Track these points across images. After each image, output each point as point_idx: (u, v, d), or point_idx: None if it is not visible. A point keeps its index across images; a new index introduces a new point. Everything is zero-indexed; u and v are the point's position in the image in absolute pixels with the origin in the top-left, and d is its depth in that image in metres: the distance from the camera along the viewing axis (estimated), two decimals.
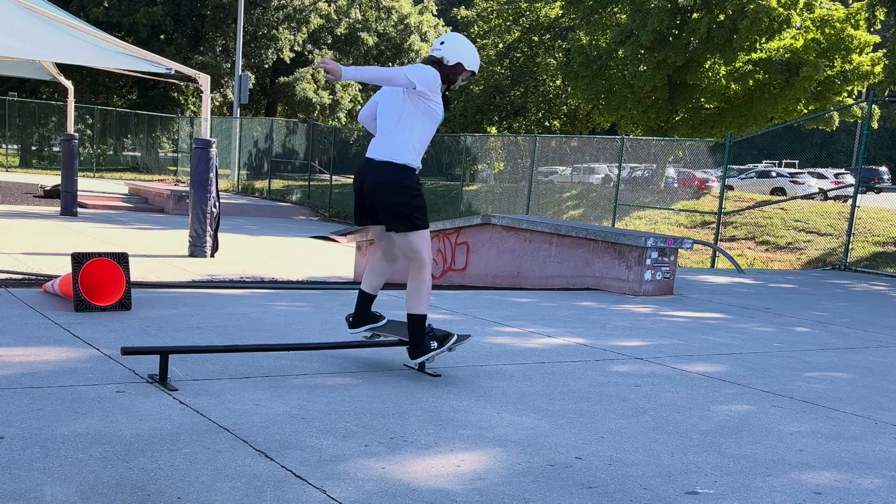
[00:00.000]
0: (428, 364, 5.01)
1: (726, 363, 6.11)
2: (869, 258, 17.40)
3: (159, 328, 5.78)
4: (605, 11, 32.65)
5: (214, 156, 12.95)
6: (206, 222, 12.87)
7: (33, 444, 3.34)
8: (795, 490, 3.51)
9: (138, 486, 3.01)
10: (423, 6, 52.07)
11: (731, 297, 10.35)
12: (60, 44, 12.83)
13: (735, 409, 4.80)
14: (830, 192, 28.07)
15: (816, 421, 4.67)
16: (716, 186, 26.18)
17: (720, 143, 22.10)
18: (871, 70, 28.71)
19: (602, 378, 5.33)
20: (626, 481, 3.47)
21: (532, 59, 46.49)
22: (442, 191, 30.09)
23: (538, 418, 4.31)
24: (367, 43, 48.56)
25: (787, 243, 20.25)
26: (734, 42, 28.54)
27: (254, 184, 34.09)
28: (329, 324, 6.53)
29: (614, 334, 6.99)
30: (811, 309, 9.72)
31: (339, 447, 3.62)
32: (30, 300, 6.48)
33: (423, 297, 4.80)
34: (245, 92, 34.67)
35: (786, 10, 28.14)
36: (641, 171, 29.24)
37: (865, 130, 16.85)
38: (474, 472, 3.45)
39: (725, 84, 30.24)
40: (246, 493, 3.02)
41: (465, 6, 53.97)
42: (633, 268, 9.56)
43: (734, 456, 3.91)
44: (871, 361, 6.65)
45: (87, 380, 4.34)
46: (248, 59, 43.46)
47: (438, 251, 11.76)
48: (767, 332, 7.73)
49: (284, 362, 5.05)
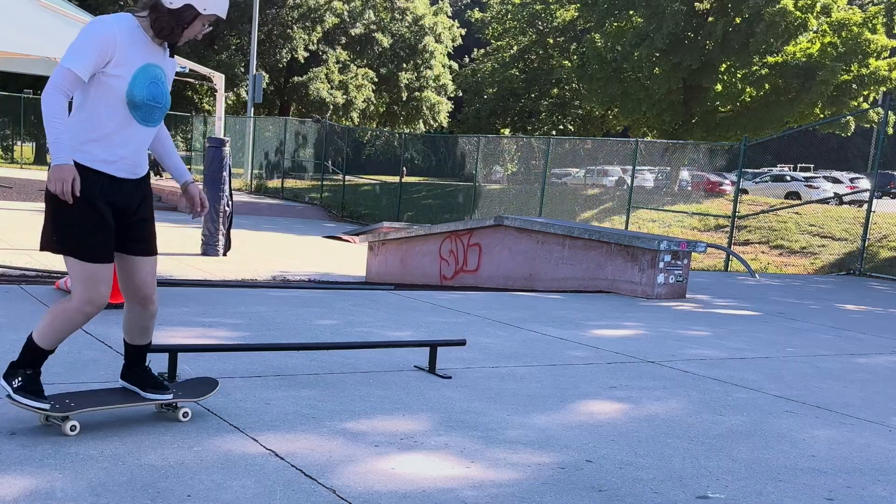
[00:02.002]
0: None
1: (738, 367, 6.08)
2: (884, 263, 17.28)
3: (171, 326, 5.79)
4: (621, 14, 32.58)
5: (228, 155, 12.98)
6: (218, 221, 12.90)
7: (44, 441, 3.35)
8: (807, 495, 3.49)
9: (148, 483, 3.02)
10: (438, 7, 52.06)
11: (744, 301, 10.31)
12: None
13: (747, 413, 4.77)
14: (846, 196, 27.91)
15: (829, 426, 4.63)
16: (730, 190, 26.08)
17: (734, 147, 22.01)
18: (888, 75, 28.54)
19: (613, 381, 5.30)
20: (637, 485, 3.45)
21: (546, 62, 46.44)
22: (454, 192, 30.08)
23: (549, 421, 4.29)
24: (381, 44, 48.60)
25: (801, 248, 20.15)
26: (750, 46, 28.43)
27: (267, 183, 34.16)
28: (340, 324, 6.54)
29: (626, 337, 6.96)
30: (825, 314, 9.66)
31: (349, 447, 3.61)
32: (43, 297, 6.51)
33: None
34: (259, 91, 34.73)
35: (802, 14, 28.00)
36: (655, 174, 29.16)
37: (882, 135, 16.75)
38: (484, 473, 3.44)
39: (741, 88, 30.12)
40: (256, 493, 3.02)
41: (480, 8, 53.98)
42: (645, 271, 9.53)
43: (745, 461, 3.89)
44: (885, 367, 6.61)
45: (99, 377, 4.35)
46: (263, 58, 43.56)
47: (451, 252, 11.76)
48: (780, 336, 7.68)
49: (295, 361, 5.05)
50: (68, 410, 3.44)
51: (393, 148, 34.52)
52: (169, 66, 3.58)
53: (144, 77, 3.40)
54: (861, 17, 29.25)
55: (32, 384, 3.44)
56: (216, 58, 41.76)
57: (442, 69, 51.55)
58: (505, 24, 48.57)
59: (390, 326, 6.63)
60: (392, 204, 29.09)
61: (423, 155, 34.15)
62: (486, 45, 54.21)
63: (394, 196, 29.40)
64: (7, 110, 37.62)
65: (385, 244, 13.07)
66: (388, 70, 49.99)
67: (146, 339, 3.74)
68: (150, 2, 3.38)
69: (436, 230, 12.32)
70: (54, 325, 3.44)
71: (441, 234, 12.01)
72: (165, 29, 3.40)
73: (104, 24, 3.34)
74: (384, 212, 28.60)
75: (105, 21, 3.36)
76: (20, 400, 3.40)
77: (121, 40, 3.32)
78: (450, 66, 53.08)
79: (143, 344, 3.74)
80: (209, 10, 3.40)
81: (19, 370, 3.45)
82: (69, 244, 3.39)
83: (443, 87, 52.04)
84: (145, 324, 3.69)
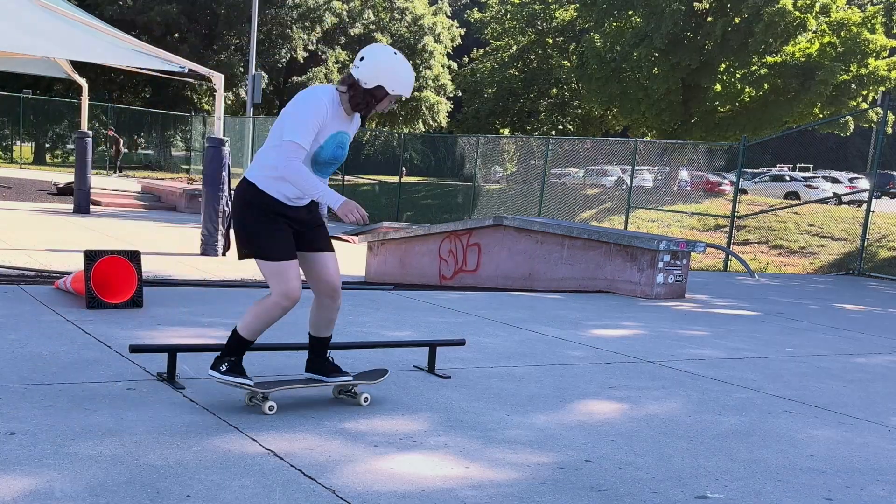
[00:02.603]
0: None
1: (738, 367, 6.08)
2: (883, 263, 17.29)
3: (170, 326, 5.79)
4: (620, 14, 32.59)
5: (227, 155, 12.97)
6: (217, 221, 12.90)
7: (44, 441, 3.35)
8: (806, 495, 3.49)
9: (148, 483, 3.02)
10: (438, 7, 52.05)
11: (743, 301, 10.31)
12: (75, 41, 12.86)
13: (746, 413, 4.77)
14: (845, 196, 27.91)
15: (828, 426, 4.64)
16: (729, 190, 26.07)
17: (734, 147, 22.02)
18: (887, 75, 28.54)
19: (612, 381, 5.31)
20: (636, 485, 3.45)
21: (546, 62, 46.45)
22: (453, 192, 30.09)
23: (548, 421, 4.29)
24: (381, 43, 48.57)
25: (800, 248, 20.16)
26: (749, 45, 28.45)
27: None
28: (339, 324, 6.53)
29: (625, 337, 6.96)
30: (824, 314, 9.67)
31: (348, 447, 3.62)
32: (42, 297, 6.51)
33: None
34: (258, 91, 34.72)
35: (801, 14, 28.01)
36: (655, 174, 29.16)
37: (881, 135, 16.76)
38: (484, 473, 3.44)
39: (740, 88, 30.13)
40: (255, 492, 3.02)
41: (479, 8, 53.97)
42: (645, 271, 9.53)
43: (745, 460, 3.89)
44: (884, 367, 6.61)
45: (98, 377, 4.35)
46: (262, 58, 43.54)
47: (450, 252, 11.76)
48: (779, 336, 7.69)
49: (294, 361, 5.04)
50: (269, 389, 4.05)
51: (392, 148, 34.56)
52: (353, 129, 4.15)
53: (333, 142, 4.00)
54: (860, 17, 29.28)
55: (238, 368, 4.07)
56: (215, 58, 41.75)
57: (441, 69, 51.53)
58: (504, 24, 48.58)
59: (390, 326, 6.63)
60: (391, 204, 29.09)
61: (423, 155, 34.19)
62: (485, 45, 54.20)
63: (393, 196, 29.40)
64: (7, 110, 37.59)
65: (384, 244, 13.07)
66: None
67: (330, 331, 4.31)
68: (350, 80, 3.98)
69: (435, 230, 12.32)
70: (258, 318, 4.05)
71: (440, 234, 12.01)
72: (361, 104, 4.00)
73: (319, 102, 3.92)
74: (383, 212, 28.61)
75: (319, 98, 3.93)
76: (230, 380, 4.01)
77: (328, 114, 3.93)
78: (449, 66, 53.07)
79: (327, 336, 4.32)
80: (396, 90, 3.99)
81: (226, 358, 4.06)
82: (256, 248, 3.99)
83: (442, 87, 52.02)
84: (332, 316, 4.26)
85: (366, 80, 3.92)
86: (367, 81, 3.92)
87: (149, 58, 13.20)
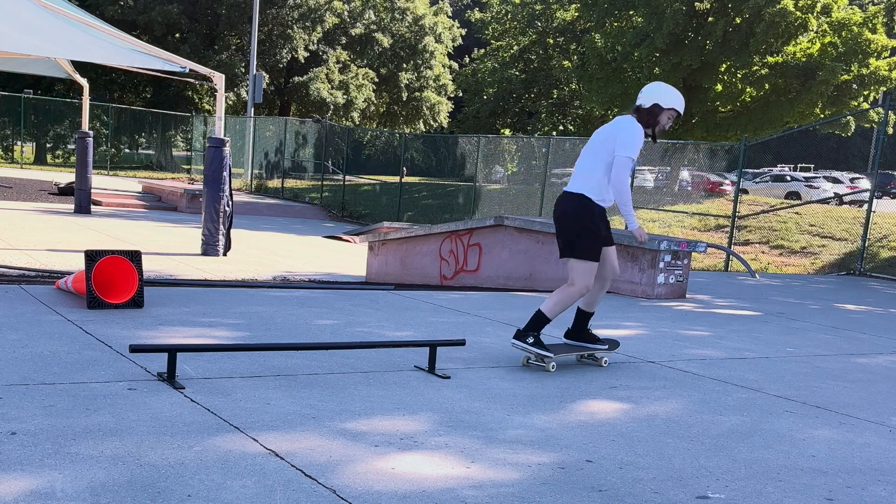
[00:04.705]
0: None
1: (738, 367, 6.08)
2: (884, 263, 17.28)
3: (171, 326, 5.79)
4: (621, 14, 32.58)
5: (228, 155, 12.97)
6: (218, 221, 12.90)
7: (45, 441, 3.35)
8: (807, 495, 3.49)
9: (148, 483, 3.02)
10: (438, 7, 52.04)
11: (744, 301, 10.31)
12: (76, 41, 12.86)
13: (747, 413, 4.77)
14: (846, 196, 27.91)
15: (829, 426, 4.64)
16: (730, 190, 26.06)
17: (735, 147, 22.01)
18: (888, 75, 28.52)
19: (613, 381, 5.31)
20: (637, 485, 3.45)
21: (546, 62, 46.44)
22: (454, 192, 30.07)
23: (549, 421, 4.29)
24: (381, 44, 48.59)
25: (801, 248, 20.15)
26: (750, 46, 28.42)
27: (267, 183, 34.17)
28: (340, 324, 6.54)
29: (626, 337, 6.96)
30: (825, 314, 9.66)
31: (349, 447, 3.61)
32: (43, 297, 6.51)
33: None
34: (259, 91, 34.74)
35: (802, 14, 27.99)
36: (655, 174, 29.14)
37: (882, 135, 16.75)
38: (484, 473, 3.44)
39: (741, 88, 30.11)
40: (256, 492, 3.02)
41: (480, 8, 53.96)
42: (645, 271, 9.53)
43: (746, 461, 3.89)
44: (885, 367, 6.61)
45: (99, 377, 4.35)
46: (263, 58, 43.55)
47: (451, 252, 11.75)
48: (780, 336, 7.68)
49: (295, 361, 5.05)
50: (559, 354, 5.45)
51: (393, 148, 34.53)
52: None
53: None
54: (861, 16, 29.25)
55: (540, 341, 5.34)
56: (216, 58, 41.74)
57: (442, 69, 51.54)
58: (505, 25, 48.54)
59: (390, 326, 6.63)
60: (392, 204, 29.08)
61: (424, 155, 34.15)
62: (486, 45, 54.17)
63: (394, 196, 29.39)
64: (8, 110, 37.60)
65: (385, 244, 13.06)
66: (389, 70, 49.98)
67: (595, 307, 5.66)
68: (635, 106, 5.42)
69: (436, 230, 12.32)
70: (561, 304, 5.34)
71: (441, 234, 12.01)
72: (646, 123, 5.36)
73: (639, 126, 5.32)
74: (384, 212, 28.59)
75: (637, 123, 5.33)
76: (537, 351, 5.31)
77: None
78: (450, 66, 53.07)
79: (593, 311, 5.66)
80: (667, 104, 5.39)
81: (529, 332, 5.31)
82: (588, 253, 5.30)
83: (443, 87, 52.03)
84: (602, 295, 5.62)
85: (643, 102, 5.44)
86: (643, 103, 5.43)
87: (150, 58, 13.21)
